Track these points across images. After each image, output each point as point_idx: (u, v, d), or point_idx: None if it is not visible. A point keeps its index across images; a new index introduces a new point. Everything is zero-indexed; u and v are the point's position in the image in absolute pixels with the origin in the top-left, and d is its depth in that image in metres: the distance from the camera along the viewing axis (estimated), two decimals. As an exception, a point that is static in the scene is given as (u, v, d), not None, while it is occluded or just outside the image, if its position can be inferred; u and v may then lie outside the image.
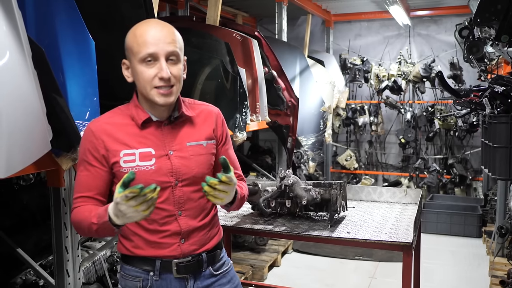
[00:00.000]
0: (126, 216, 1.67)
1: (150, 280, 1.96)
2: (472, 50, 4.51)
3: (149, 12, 2.56)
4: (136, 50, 1.81)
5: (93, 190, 1.89)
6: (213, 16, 4.58)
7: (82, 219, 1.82)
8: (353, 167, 8.66)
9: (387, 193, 3.25)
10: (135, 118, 1.91)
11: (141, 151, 1.88)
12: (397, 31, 8.42)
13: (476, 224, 6.63)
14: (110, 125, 1.90)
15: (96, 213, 1.77)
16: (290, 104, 4.85)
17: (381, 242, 2.41)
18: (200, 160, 1.96)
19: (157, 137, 1.91)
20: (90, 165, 1.88)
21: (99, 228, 1.76)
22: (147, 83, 1.82)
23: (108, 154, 1.87)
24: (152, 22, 1.88)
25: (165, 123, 1.93)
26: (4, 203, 3.57)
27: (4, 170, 1.74)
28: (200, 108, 2.05)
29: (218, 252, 2.10)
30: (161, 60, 1.80)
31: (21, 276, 3.08)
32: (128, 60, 1.89)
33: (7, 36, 1.73)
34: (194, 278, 2.00)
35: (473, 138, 7.93)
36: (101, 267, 3.20)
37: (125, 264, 2.01)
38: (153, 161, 1.88)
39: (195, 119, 2.00)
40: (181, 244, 1.95)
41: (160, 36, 1.81)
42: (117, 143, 1.88)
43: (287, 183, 2.59)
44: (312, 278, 5.26)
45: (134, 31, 1.84)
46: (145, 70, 1.81)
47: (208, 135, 2.01)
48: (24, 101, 1.79)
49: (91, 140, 1.88)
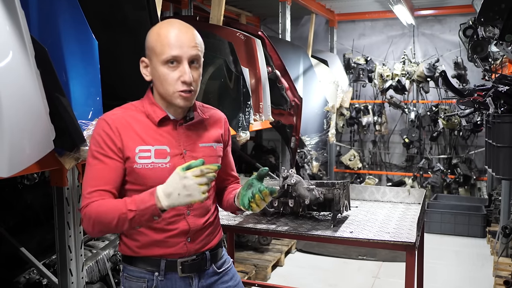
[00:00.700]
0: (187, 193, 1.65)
1: (155, 281, 1.95)
2: (476, 49, 4.50)
3: (152, 13, 2.56)
4: (159, 50, 1.80)
5: (111, 183, 1.83)
6: (217, 16, 4.58)
7: (110, 211, 1.74)
8: (356, 167, 8.65)
9: (390, 193, 3.24)
10: (151, 115, 1.90)
11: (157, 148, 1.88)
12: (401, 30, 8.40)
13: (480, 224, 6.61)
14: (126, 119, 1.88)
15: (134, 199, 1.73)
16: (293, 104, 4.85)
17: (384, 242, 2.40)
18: (210, 161, 1.95)
19: (172, 136, 1.92)
20: (107, 157, 1.82)
21: (136, 216, 1.71)
22: (170, 85, 1.82)
23: (124, 147, 1.84)
24: (176, 24, 1.86)
25: (181, 123, 1.95)
26: (8, 202, 3.58)
27: (6, 169, 1.75)
28: (210, 111, 2.09)
29: (220, 250, 2.13)
30: (185, 63, 1.80)
31: (24, 275, 3.08)
32: (148, 59, 1.88)
33: (10, 35, 1.74)
34: (198, 276, 2.01)
35: (477, 138, 7.91)
36: (104, 266, 3.20)
37: (128, 265, 1.99)
38: (168, 159, 1.89)
39: (206, 121, 2.03)
40: (187, 243, 1.96)
41: (185, 39, 1.80)
42: (134, 137, 1.86)
43: (290, 182, 2.58)
44: (315, 278, 5.25)
45: (158, 31, 1.83)
46: (168, 72, 1.81)
47: (217, 138, 2.05)
48: (27, 100, 1.80)
49: (107, 132, 1.83)
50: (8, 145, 1.72)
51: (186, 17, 5.47)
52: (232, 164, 2.22)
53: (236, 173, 2.25)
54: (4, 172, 1.74)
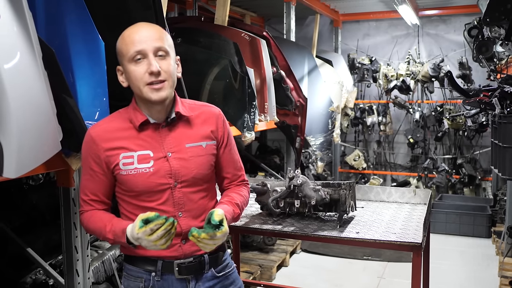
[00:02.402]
0: (147, 247, 1.76)
1: (152, 281, 1.97)
2: (481, 49, 4.49)
3: (158, 13, 2.56)
4: (125, 50, 1.85)
5: (98, 194, 1.96)
6: (222, 16, 4.59)
7: (96, 229, 1.92)
8: (361, 167, 8.64)
9: (396, 193, 3.24)
10: (133, 120, 1.93)
11: (140, 153, 1.91)
12: (405, 30, 8.39)
13: (485, 224, 6.60)
14: (109, 130, 1.93)
15: (111, 230, 1.86)
16: (298, 104, 4.85)
17: (391, 242, 2.40)
18: (200, 161, 1.97)
19: (155, 139, 1.93)
20: (92, 171, 1.93)
21: (115, 242, 1.89)
22: (138, 81, 1.84)
23: (109, 159, 1.90)
24: (139, 24, 1.91)
25: (163, 125, 1.95)
26: (13, 203, 3.59)
27: (14, 170, 1.75)
28: (201, 109, 2.05)
29: (221, 254, 2.09)
30: (150, 56, 1.83)
31: (31, 276, 3.09)
32: (121, 65, 1.92)
33: (18, 37, 1.74)
34: (195, 279, 2.00)
35: (482, 138, 7.89)
36: (110, 267, 3.21)
37: (128, 264, 2.04)
38: (151, 163, 1.90)
39: (194, 119, 2.01)
40: (182, 245, 1.96)
41: (147, 34, 1.85)
42: (116, 147, 1.90)
43: (296, 183, 2.59)
44: (320, 278, 5.25)
45: (123, 35, 1.89)
46: (135, 68, 1.84)
47: (207, 135, 2.01)
48: (35, 101, 1.80)
49: (91, 147, 1.92)
50: (16, 146, 1.72)
51: (191, 18, 5.48)
52: (234, 162, 2.14)
53: (240, 172, 2.18)
54: (12, 173, 1.74)
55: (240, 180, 2.18)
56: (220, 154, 2.07)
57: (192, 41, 4.12)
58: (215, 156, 2.04)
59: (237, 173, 2.16)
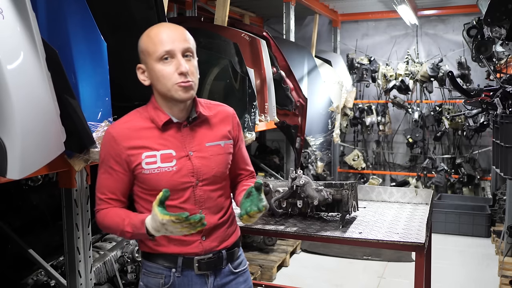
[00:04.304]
0: (173, 233, 1.76)
1: (172, 277, 2.00)
2: (480, 49, 4.49)
3: (160, 13, 2.56)
4: (152, 50, 1.86)
5: (116, 193, 1.97)
6: (221, 17, 4.58)
7: (113, 224, 1.92)
8: (360, 167, 8.64)
9: (398, 193, 3.24)
10: (155, 120, 1.94)
11: (162, 152, 1.92)
12: (404, 30, 8.39)
13: (484, 223, 6.61)
14: (130, 128, 1.94)
15: (130, 223, 1.86)
16: (298, 104, 4.84)
17: (393, 242, 2.40)
18: (219, 159, 2.01)
19: (177, 138, 1.95)
20: (112, 169, 1.94)
21: (133, 235, 1.88)
22: (167, 80, 1.86)
23: (130, 158, 1.91)
24: (164, 24, 1.94)
25: (184, 125, 1.97)
26: (14, 204, 3.58)
27: (18, 171, 1.75)
28: (217, 108, 2.09)
29: (237, 250, 2.15)
30: (178, 56, 1.85)
31: (32, 277, 3.08)
32: (143, 64, 1.93)
33: (22, 37, 1.74)
34: (214, 275, 2.04)
35: (481, 138, 7.90)
36: (111, 268, 3.20)
37: (147, 261, 2.05)
38: (174, 162, 1.93)
39: (212, 119, 2.04)
40: (202, 241, 2.00)
41: (174, 35, 1.87)
42: (139, 146, 1.92)
43: (298, 183, 2.59)
44: (320, 278, 5.25)
45: (148, 33, 1.90)
46: (163, 68, 1.85)
47: (225, 135, 2.06)
48: (39, 102, 1.80)
49: (112, 146, 1.92)
50: (20, 147, 1.72)
51: (190, 18, 5.47)
52: (245, 158, 2.21)
53: (250, 167, 2.25)
54: (16, 174, 1.74)
55: (251, 174, 2.26)
56: (235, 152, 2.13)
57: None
58: (231, 155, 2.09)
59: (248, 168, 2.24)
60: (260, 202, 1.85)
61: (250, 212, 1.84)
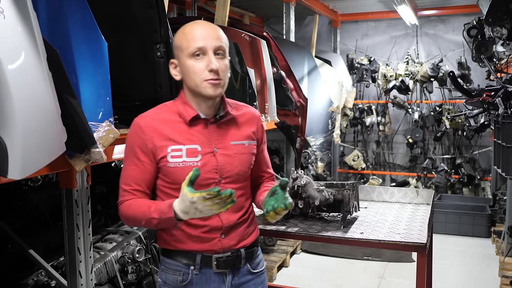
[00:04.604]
0: (202, 213, 1.74)
1: (190, 274, 2.02)
2: (480, 49, 4.49)
3: (160, 13, 2.55)
4: (185, 46, 1.90)
5: (141, 184, 1.98)
6: (222, 17, 4.58)
7: (138, 213, 1.92)
8: (360, 167, 8.64)
9: (399, 193, 3.24)
10: (183, 115, 1.97)
11: (188, 147, 1.95)
12: (404, 30, 8.40)
13: (485, 224, 6.61)
14: (158, 120, 1.97)
15: (157, 208, 1.86)
16: (298, 105, 4.84)
17: (395, 242, 2.40)
18: (243, 158, 2.04)
19: (203, 134, 1.98)
20: (139, 160, 1.96)
21: (160, 222, 1.87)
22: (197, 76, 1.90)
23: (156, 149, 1.94)
24: (199, 22, 1.98)
25: (211, 121, 2.00)
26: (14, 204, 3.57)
27: (19, 171, 1.74)
28: (243, 109, 2.13)
29: (256, 249, 2.16)
30: (210, 53, 1.89)
31: (32, 277, 3.07)
32: (176, 59, 1.97)
33: (23, 37, 1.73)
34: (232, 273, 2.06)
35: (481, 138, 7.91)
36: (112, 268, 3.19)
37: (166, 258, 2.07)
38: (199, 157, 1.95)
39: (238, 119, 2.07)
40: (221, 239, 2.01)
41: (208, 33, 1.91)
42: (165, 138, 1.94)
43: (300, 183, 2.58)
44: (321, 279, 5.25)
45: (183, 30, 1.94)
46: (194, 64, 1.89)
47: (249, 135, 2.09)
48: (40, 102, 1.79)
49: (140, 136, 1.95)
50: (21, 147, 1.71)
51: (190, 18, 5.46)
52: (267, 161, 2.24)
53: (271, 170, 2.27)
54: (17, 175, 1.73)
55: (271, 177, 2.27)
56: (257, 154, 2.15)
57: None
58: (254, 156, 2.11)
59: (269, 171, 2.26)
60: (286, 199, 1.87)
61: (277, 208, 1.86)
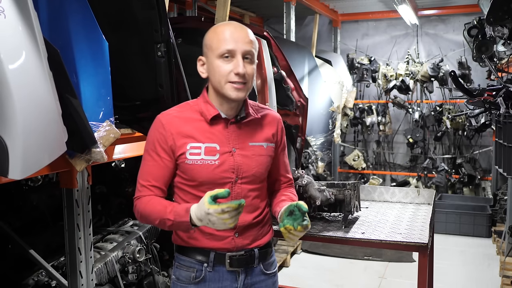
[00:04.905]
0: (214, 225, 1.75)
1: (203, 271, 2.04)
2: (481, 49, 4.48)
3: (162, 13, 2.54)
4: (215, 46, 1.92)
5: (159, 180, 2.00)
6: (222, 16, 4.57)
7: (154, 212, 1.93)
8: (360, 167, 8.64)
9: (400, 193, 3.23)
10: (205, 113, 2.00)
11: (207, 145, 1.97)
12: (404, 30, 8.39)
13: (485, 224, 6.61)
14: (180, 118, 2.00)
15: (173, 210, 1.88)
16: (299, 104, 4.83)
17: (397, 242, 2.39)
18: (260, 160, 2.05)
19: (223, 134, 2.00)
20: (158, 156, 1.99)
21: (173, 224, 1.88)
22: (222, 77, 1.92)
23: (176, 146, 1.97)
24: (233, 23, 2.01)
25: (232, 122, 2.02)
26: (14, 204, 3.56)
27: (20, 171, 1.73)
28: (264, 111, 2.14)
29: (269, 250, 2.17)
30: (238, 57, 1.91)
31: (33, 277, 3.06)
32: (204, 57, 1.99)
33: (23, 36, 1.72)
34: (245, 272, 2.07)
35: (482, 138, 7.91)
36: (112, 268, 3.18)
37: (180, 255, 2.10)
38: (217, 156, 1.97)
39: (259, 121, 2.09)
40: (235, 238, 2.03)
41: (239, 36, 1.92)
42: (185, 136, 1.97)
43: (301, 183, 2.58)
44: (321, 279, 5.24)
45: (215, 29, 1.97)
46: (222, 65, 1.91)
47: (269, 138, 2.10)
48: (41, 102, 1.78)
49: (161, 132, 1.98)
50: (22, 147, 1.70)
51: (191, 18, 5.45)
52: (286, 165, 2.23)
53: (290, 175, 2.27)
54: (17, 174, 1.72)
55: (290, 182, 2.27)
56: (276, 157, 2.16)
57: (193, 41, 4.08)
58: (272, 159, 2.12)
59: (288, 175, 2.25)
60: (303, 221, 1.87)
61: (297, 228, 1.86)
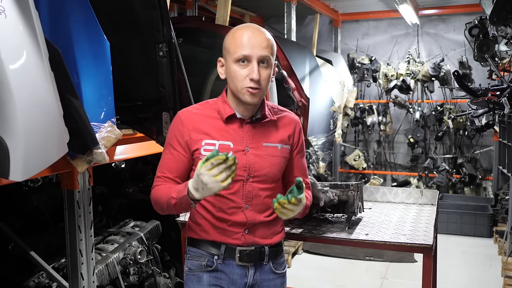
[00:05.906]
0: (207, 186, 1.75)
1: (215, 263, 2.10)
2: (482, 49, 4.46)
3: (163, 13, 2.52)
4: (232, 50, 1.97)
5: (174, 172, 2.08)
6: (223, 16, 4.56)
7: (162, 195, 2.00)
8: (361, 167, 8.62)
9: (403, 194, 3.22)
10: (221, 112, 2.06)
11: (221, 143, 2.03)
12: (405, 30, 8.38)
13: (487, 224, 6.59)
14: (198, 115, 2.08)
15: (176, 188, 1.95)
16: (300, 104, 4.80)
17: (401, 244, 2.38)
18: (273, 161, 2.09)
19: (237, 133, 2.06)
20: (174, 150, 2.07)
21: (177, 202, 1.93)
22: (239, 82, 1.97)
23: (192, 141, 2.04)
24: (251, 27, 2.02)
25: (247, 122, 2.07)
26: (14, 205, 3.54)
27: (21, 173, 1.71)
28: (282, 113, 2.17)
29: (280, 249, 2.21)
30: (254, 62, 1.95)
31: (33, 279, 3.04)
32: (224, 59, 2.05)
33: (24, 36, 1.70)
34: (255, 268, 2.12)
35: (483, 138, 7.90)
36: (114, 270, 3.16)
37: (192, 247, 2.16)
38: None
39: (275, 123, 2.12)
40: (245, 234, 2.08)
41: (256, 41, 1.96)
42: (201, 132, 2.04)
43: (304, 184, 2.55)
44: (323, 279, 5.23)
45: (234, 33, 2.01)
46: (238, 70, 1.96)
47: (284, 139, 2.13)
48: (42, 103, 1.76)
49: (179, 127, 2.07)
50: (23, 148, 1.68)
51: (192, 18, 5.43)
52: (302, 168, 2.23)
53: (307, 179, 2.26)
54: (18, 176, 1.70)
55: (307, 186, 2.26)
56: (292, 159, 2.18)
57: (194, 41, 4.08)
58: (287, 160, 2.15)
59: (305, 179, 2.23)
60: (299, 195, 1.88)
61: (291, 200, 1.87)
